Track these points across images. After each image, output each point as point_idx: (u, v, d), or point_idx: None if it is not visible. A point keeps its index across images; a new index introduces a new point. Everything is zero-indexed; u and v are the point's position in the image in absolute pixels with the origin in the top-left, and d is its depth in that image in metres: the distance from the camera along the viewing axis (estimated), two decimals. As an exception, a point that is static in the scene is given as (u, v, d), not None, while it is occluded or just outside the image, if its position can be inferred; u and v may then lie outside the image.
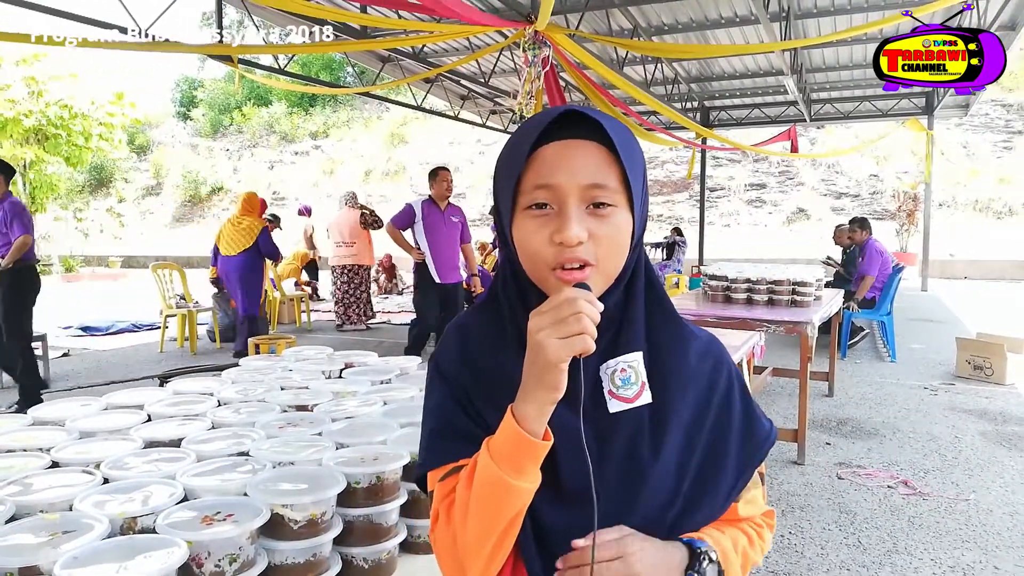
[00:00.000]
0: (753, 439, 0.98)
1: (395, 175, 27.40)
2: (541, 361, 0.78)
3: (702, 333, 1.00)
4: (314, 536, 1.37)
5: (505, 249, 0.93)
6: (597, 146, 0.85)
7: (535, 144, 0.85)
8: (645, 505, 0.90)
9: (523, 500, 0.83)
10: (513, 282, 0.93)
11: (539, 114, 0.88)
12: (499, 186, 0.91)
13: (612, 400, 0.90)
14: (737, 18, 9.20)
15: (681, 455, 0.92)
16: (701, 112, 15.01)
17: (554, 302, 0.78)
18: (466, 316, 1.00)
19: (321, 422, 1.86)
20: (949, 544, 3.19)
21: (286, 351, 2.82)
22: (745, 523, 1.01)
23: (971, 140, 21.15)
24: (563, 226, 0.83)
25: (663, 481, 0.91)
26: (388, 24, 7.38)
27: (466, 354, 0.95)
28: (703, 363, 0.97)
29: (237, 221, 7.34)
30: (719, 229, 21.17)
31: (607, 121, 0.85)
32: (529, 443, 0.80)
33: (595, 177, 0.84)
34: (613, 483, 0.88)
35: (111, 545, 1.19)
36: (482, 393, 0.92)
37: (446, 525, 0.87)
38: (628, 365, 0.91)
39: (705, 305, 4.71)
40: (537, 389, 0.80)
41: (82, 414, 1.96)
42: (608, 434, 0.89)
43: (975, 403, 5.53)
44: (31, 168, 21.26)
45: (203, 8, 31.94)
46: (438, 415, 0.94)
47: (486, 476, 0.82)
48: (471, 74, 11.68)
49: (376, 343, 8.11)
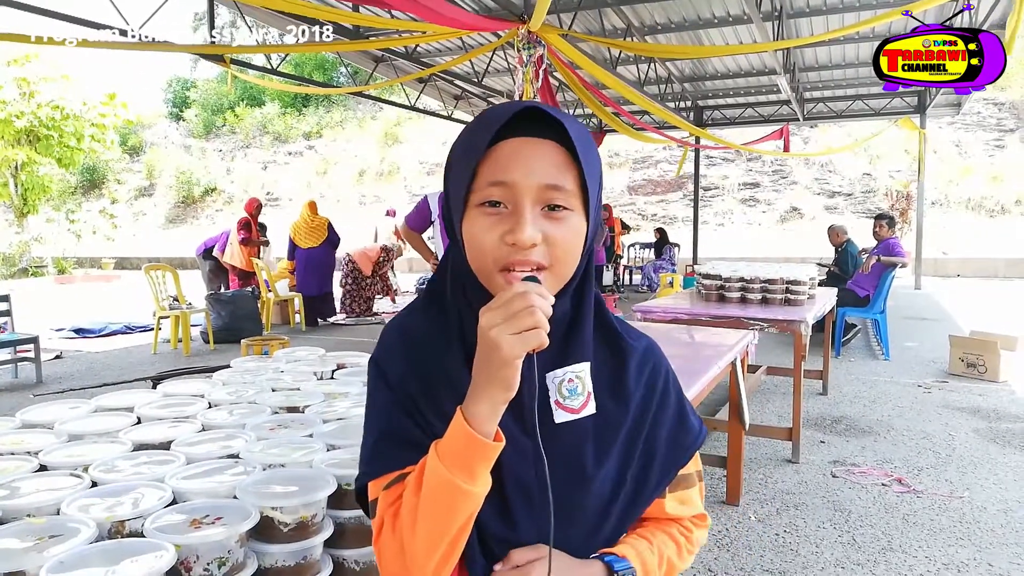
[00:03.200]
0: (683, 439, 0.98)
1: (389, 175, 27.36)
2: (496, 358, 0.75)
3: (640, 341, 0.99)
4: (305, 539, 1.36)
5: (452, 245, 0.90)
6: (556, 146, 0.82)
7: (493, 139, 0.81)
8: (584, 514, 0.90)
9: (474, 504, 0.80)
10: (458, 279, 0.90)
11: (499, 107, 0.84)
12: (452, 178, 0.87)
13: (558, 410, 0.89)
14: (730, 17, 9.21)
15: (621, 464, 0.92)
16: (694, 111, 15.03)
17: (505, 297, 0.75)
18: (406, 316, 0.96)
19: (312, 424, 1.85)
20: (943, 542, 3.20)
21: (278, 352, 2.81)
22: (675, 527, 1.00)
23: (963, 138, 21.23)
24: (517, 227, 0.80)
25: (603, 491, 0.90)
26: (381, 24, 7.35)
27: (409, 358, 0.90)
28: (643, 371, 0.96)
29: (310, 219, 9.60)
30: (713, 228, 21.21)
31: (568, 121, 0.82)
32: (481, 444, 0.77)
33: (553, 178, 0.81)
34: (554, 492, 0.86)
35: (98, 549, 1.18)
36: (427, 398, 0.88)
37: (391, 534, 0.83)
38: (576, 375, 0.90)
39: (699, 304, 4.71)
40: (490, 388, 0.77)
41: (71, 416, 1.94)
42: (552, 443, 0.87)
43: (968, 401, 5.54)
44: (23, 169, 21.18)
45: (195, 8, 31.87)
46: (382, 422, 0.89)
47: (436, 481, 0.78)
48: (465, 74, 11.67)
49: (369, 344, 8.08)
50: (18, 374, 6.73)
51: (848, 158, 21.40)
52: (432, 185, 25.49)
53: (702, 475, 1.04)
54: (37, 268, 21.39)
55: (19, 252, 21.38)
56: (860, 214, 19.97)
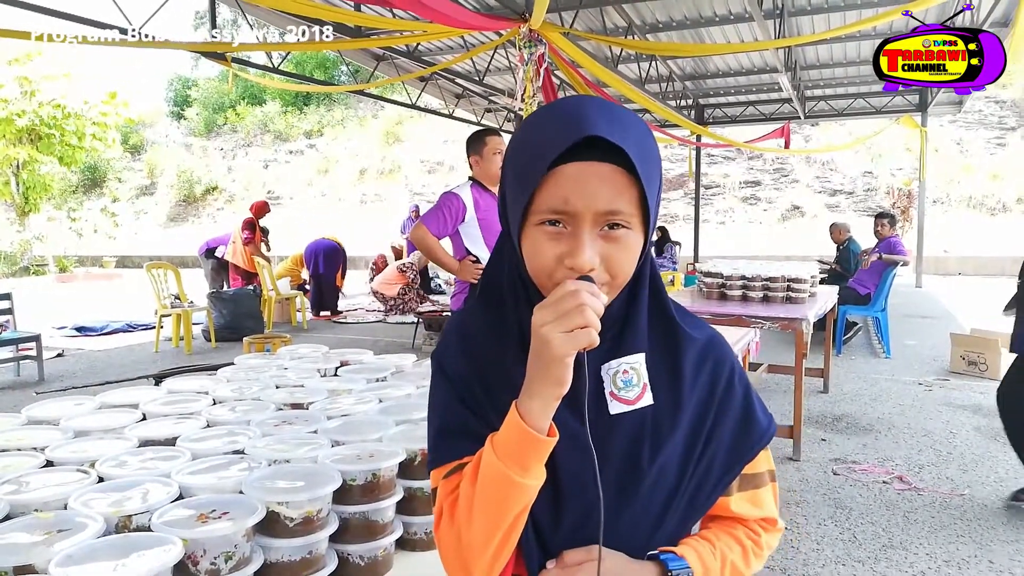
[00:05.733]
0: (748, 435, 0.96)
1: (390, 174, 27.34)
2: (546, 355, 0.76)
3: (703, 332, 0.98)
4: (310, 533, 1.37)
5: (513, 251, 0.90)
6: (617, 169, 0.80)
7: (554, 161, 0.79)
8: (643, 507, 0.89)
9: (528, 497, 0.81)
10: (520, 281, 0.91)
11: (560, 127, 0.80)
12: (510, 193, 0.87)
13: (613, 402, 0.89)
14: (731, 16, 9.21)
15: (682, 459, 0.91)
16: (696, 109, 15.02)
17: (557, 295, 0.77)
18: (466, 313, 0.98)
19: (317, 420, 1.86)
20: (944, 539, 3.20)
21: (281, 349, 2.82)
22: (741, 529, 0.98)
23: (965, 137, 21.20)
24: (576, 252, 0.80)
25: (662, 485, 0.90)
26: (383, 24, 7.35)
27: (468, 352, 0.93)
28: (704, 364, 0.95)
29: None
30: (714, 226, 21.19)
31: (630, 140, 0.80)
32: (534, 439, 0.79)
33: (612, 204, 0.80)
34: (611, 485, 0.87)
35: (106, 543, 1.19)
36: (485, 391, 0.90)
37: (450, 523, 0.86)
38: (630, 366, 0.90)
39: (700, 302, 4.72)
40: (542, 384, 0.78)
41: (76, 413, 1.95)
42: (608, 435, 0.88)
43: (969, 398, 5.55)
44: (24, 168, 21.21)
45: (196, 7, 31.88)
46: (442, 414, 0.92)
47: (491, 473, 0.81)
48: (466, 72, 11.66)
49: (372, 341, 8.10)
50: (20, 372, 6.75)
51: (849, 156, 21.38)
52: (432, 184, 25.45)
53: (775, 475, 1.02)
54: (39, 267, 21.41)
55: (21, 251, 21.42)
56: (861, 212, 19.95)
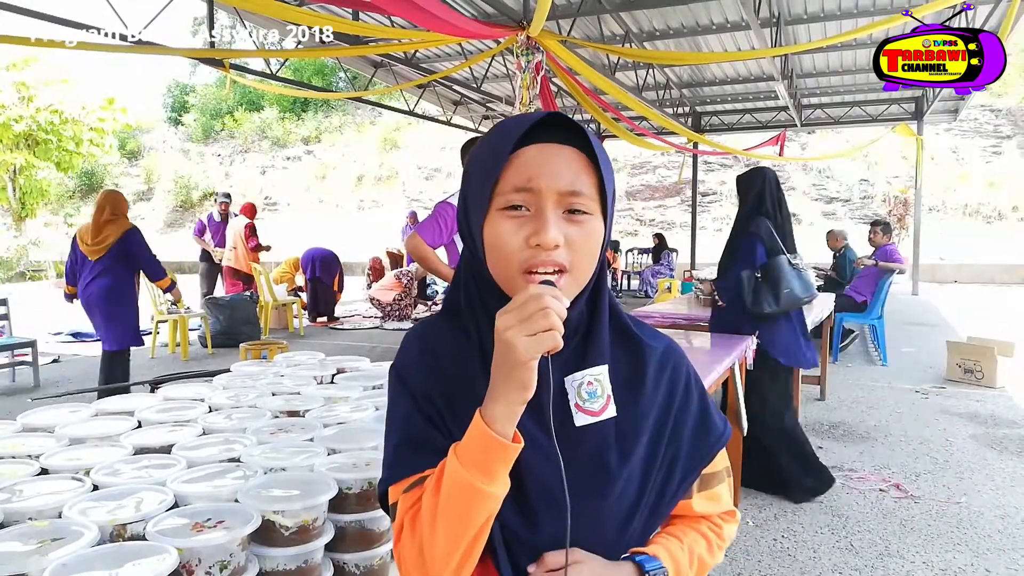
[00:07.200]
0: (706, 438, 0.98)
1: (388, 180, 27.37)
2: (511, 360, 0.76)
3: (659, 342, 1.00)
4: (306, 542, 1.37)
5: (470, 250, 0.92)
6: (577, 152, 0.86)
7: (515, 145, 0.85)
8: (611, 515, 0.90)
9: (493, 505, 0.81)
10: (474, 286, 0.92)
11: (520, 116, 0.88)
12: (472, 184, 0.90)
13: (579, 413, 0.90)
14: (728, 24, 9.24)
15: (645, 465, 0.93)
16: (692, 117, 15.07)
17: (520, 299, 0.77)
18: (426, 324, 0.98)
19: (313, 428, 1.85)
20: (940, 547, 3.20)
21: (278, 356, 2.81)
22: (705, 524, 1.01)
23: (960, 145, 21.29)
24: (541, 228, 0.82)
25: (628, 492, 0.91)
26: (381, 33, 7.37)
27: (428, 364, 0.92)
28: (663, 372, 0.97)
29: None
30: (711, 234, 21.22)
31: (586, 134, 0.86)
32: (499, 445, 0.78)
33: (574, 184, 0.84)
34: (579, 492, 0.87)
35: (100, 552, 1.19)
36: (446, 404, 0.89)
37: (411, 537, 0.84)
38: (594, 378, 0.91)
39: (697, 309, 4.72)
40: (506, 389, 0.78)
41: (72, 420, 1.94)
42: (574, 445, 0.88)
43: (966, 406, 5.56)
44: (21, 173, 21.19)
45: (195, 13, 31.90)
46: (401, 427, 0.90)
47: (455, 481, 0.79)
48: (464, 79, 11.69)
49: (369, 347, 8.09)
50: (15, 378, 6.73)
51: (846, 164, 21.46)
52: (429, 191, 25.48)
53: (731, 471, 1.05)
54: (35, 272, 21.36)
55: (17, 256, 21.37)
56: (858, 220, 20.00)
